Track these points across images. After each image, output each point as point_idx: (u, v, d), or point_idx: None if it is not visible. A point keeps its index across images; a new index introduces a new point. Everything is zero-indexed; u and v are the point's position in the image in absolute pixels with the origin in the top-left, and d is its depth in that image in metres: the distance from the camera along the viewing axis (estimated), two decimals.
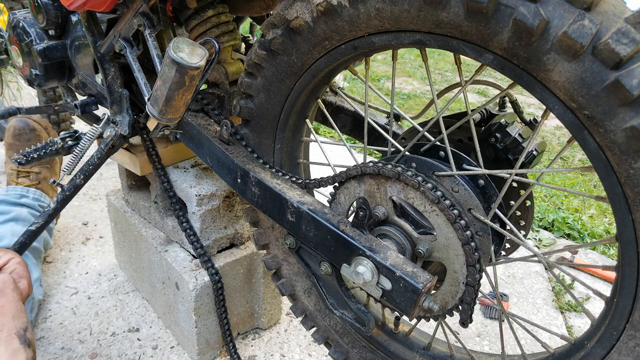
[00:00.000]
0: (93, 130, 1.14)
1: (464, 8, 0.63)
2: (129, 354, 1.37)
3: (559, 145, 3.55)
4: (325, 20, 0.77)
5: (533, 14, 0.58)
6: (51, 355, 1.35)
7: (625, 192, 0.61)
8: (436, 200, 0.77)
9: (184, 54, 0.78)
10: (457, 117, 0.86)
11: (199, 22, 1.12)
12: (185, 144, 1.11)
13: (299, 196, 0.90)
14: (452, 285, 0.83)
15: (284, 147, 1.01)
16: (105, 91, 1.14)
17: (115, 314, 1.52)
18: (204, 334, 1.30)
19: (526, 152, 0.77)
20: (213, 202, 1.25)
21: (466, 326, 0.85)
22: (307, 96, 0.94)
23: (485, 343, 1.51)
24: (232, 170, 0.99)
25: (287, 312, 1.54)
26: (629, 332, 0.68)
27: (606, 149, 0.60)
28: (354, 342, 1.07)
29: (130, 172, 1.45)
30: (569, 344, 0.82)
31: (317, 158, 1.08)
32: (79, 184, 1.16)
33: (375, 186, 0.86)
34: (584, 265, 0.84)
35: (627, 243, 0.65)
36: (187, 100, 0.87)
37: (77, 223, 2.00)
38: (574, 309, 1.69)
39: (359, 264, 0.79)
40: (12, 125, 1.68)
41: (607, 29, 0.56)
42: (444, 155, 0.83)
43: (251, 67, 0.92)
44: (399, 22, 0.71)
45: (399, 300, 0.77)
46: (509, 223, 0.80)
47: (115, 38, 1.04)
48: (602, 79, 0.57)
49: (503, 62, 0.65)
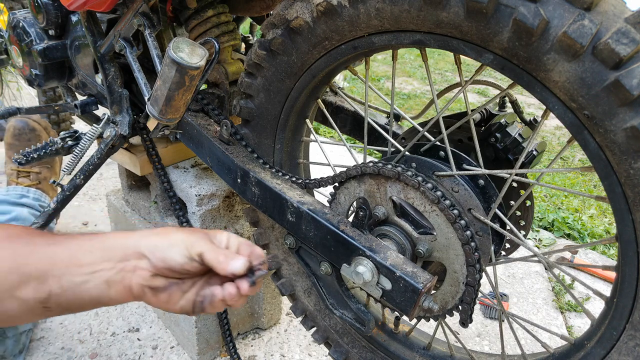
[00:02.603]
0: (93, 130, 1.14)
1: (464, 8, 0.63)
2: (129, 354, 1.37)
3: (559, 145, 3.55)
4: (325, 20, 0.77)
5: (533, 14, 0.58)
6: (51, 355, 1.35)
7: (625, 192, 0.61)
8: (436, 200, 0.77)
9: (184, 54, 0.78)
10: (457, 117, 0.86)
11: (199, 22, 1.12)
12: (185, 144, 1.11)
13: (299, 196, 0.90)
14: (452, 285, 0.83)
15: (284, 147, 1.01)
16: (105, 91, 1.14)
17: (115, 313, 1.52)
18: (204, 334, 1.30)
19: (526, 152, 0.77)
20: (213, 202, 1.25)
21: (466, 326, 0.85)
22: (307, 96, 0.94)
23: (485, 343, 1.51)
24: (232, 170, 0.99)
25: (287, 312, 1.54)
26: (629, 332, 0.68)
27: (606, 149, 0.60)
28: (353, 342, 1.07)
29: (130, 172, 1.45)
30: (569, 344, 0.81)
31: (317, 158, 1.08)
32: (79, 184, 1.16)
33: (375, 186, 0.86)
34: (584, 265, 0.84)
35: (627, 243, 0.65)
36: (187, 100, 0.87)
37: (77, 223, 2.00)
38: (574, 309, 1.69)
39: (359, 264, 0.79)
40: (12, 125, 1.68)
41: (607, 29, 0.56)
42: (444, 155, 0.83)
43: (251, 67, 0.92)
44: (399, 22, 0.71)
45: (399, 300, 0.77)
46: (509, 223, 0.80)
47: (115, 38, 1.04)
48: (602, 79, 0.57)
49: (503, 62, 0.65)
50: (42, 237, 0.66)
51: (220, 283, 0.67)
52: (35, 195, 1.61)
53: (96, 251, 0.63)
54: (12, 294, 0.62)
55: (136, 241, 0.64)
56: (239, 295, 0.65)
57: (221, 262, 0.63)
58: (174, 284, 0.65)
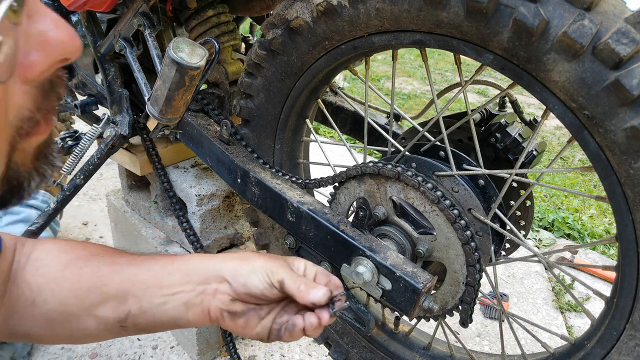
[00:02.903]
0: (93, 130, 1.14)
1: (464, 8, 0.63)
2: (129, 354, 1.37)
3: (559, 145, 3.55)
4: (325, 20, 0.77)
5: (533, 14, 0.58)
6: (51, 355, 1.35)
7: (625, 192, 0.61)
8: (436, 200, 0.77)
9: (184, 54, 0.78)
10: (457, 117, 0.86)
11: (199, 22, 1.12)
12: (185, 144, 1.11)
13: (299, 196, 0.90)
14: (452, 285, 0.83)
15: (284, 147, 1.01)
16: (105, 91, 1.14)
17: None
18: (204, 334, 1.30)
19: (526, 152, 0.77)
20: (213, 202, 1.25)
21: (466, 326, 0.85)
22: (307, 96, 0.94)
23: (485, 343, 1.51)
24: (232, 170, 0.99)
25: None
26: (629, 332, 0.68)
27: (606, 149, 0.60)
28: (353, 342, 1.07)
29: (130, 172, 1.45)
30: (569, 344, 0.81)
31: (317, 158, 1.08)
32: (79, 184, 1.16)
33: (375, 186, 0.86)
34: (584, 265, 0.84)
35: (627, 243, 0.65)
36: (187, 100, 0.87)
37: (77, 223, 2.00)
38: (574, 309, 1.69)
39: (359, 264, 0.79)
40: None
41: (607, 29, 0.56)
42: (444, 155, 0.83)
43: (251, 67, 0.92)
44: (399, 22, 0.71)
45: (399, 300, 0.77)
46: (509, 223, 0.80)
47: (115, 38, 1.04)
48: (602, 79, 0.57)
49: (503, 62, 0.65)
50: (123, 257, 0.66)
51: (296, 311, 0.66)
52: (44, 198, 1.62)
53: (176, 273, 0.63)
54: (90, 313, 0.63)
55: (218, 265, 0.64)
56: (319, 325, 0.64)
57: (301, 291, 0.61)
58: (252, 310, 0.64)
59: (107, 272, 0.63)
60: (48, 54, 0.32)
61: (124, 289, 0.62)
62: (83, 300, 0.63)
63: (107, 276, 0.63)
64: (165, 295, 0.62)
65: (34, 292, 0.63)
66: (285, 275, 0.62)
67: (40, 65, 0.32)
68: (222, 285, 0.63)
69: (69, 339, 0.67)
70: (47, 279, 0.64)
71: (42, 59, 0.32)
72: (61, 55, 0.33)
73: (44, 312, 0.63)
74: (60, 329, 0.65)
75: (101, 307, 0.62)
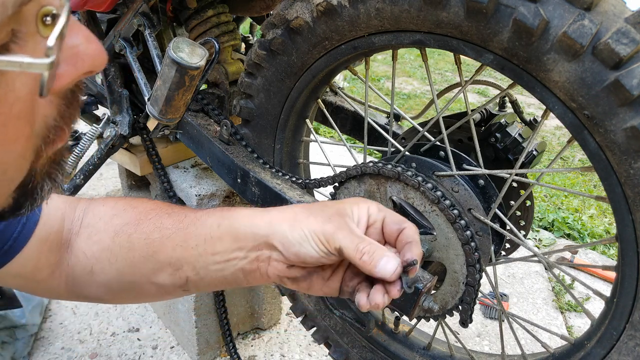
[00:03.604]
0: (93, 130, 1.14)
1: (464, 8, 0.63)
2: (129, 354, 1.37)
3: (559, 145, 3.55)
4: (325, 20, 0.77)
5: (533, 14, 0.58)
6: (51, 355, 1.35)
7: (625, 192, 0.61)
8: (436, 200, 0.77)
9: (184, 54, 0.78)
10: (457, 117, 0.86)
11: (199, 22, 1.12)
12: (185, 144, 1.11)
13: (299, 196, 0.90)
14: (452, 285, 0.83)
15: (284, 147, 1.01)
16: (105, 91, 1.14)
17: (115, 313, 1.52)
18: (204, 334, 1.30)
19: (526, 152, 0.77)
20: (213, 202, 1.25)
21: (466, 326, 0.85)
22: (307, 96, 0.94)
23: (485, 343, 1.51)
24: (232, 170, 0.99)
25: (287, 312, 1.54)
26: (629, 332, 0.68)
27: (606, 149, 0.60)
28: (353, 342, 1.07)
29: (130, 172, 1.45)
30: (569, 344, 0.81)
31: (317, 158, 1.08)
32: (79, 184, 1.16)
33: (375, 186, 0.86)
34: (584, 265, 0.84)
35: (627, 243, 0.65)
36: (187, 100, 0.87)
37: None
38: (574, 309, 1.69)
39: None
40: None
41: (607, 29, 0.56)
42: (444, 155, 0.83)
43: (251, 67, 0.92)
44: (399, 22, 0.71)
45: (399, 300, 0.76)
46: (509, 223, 0.80)
47: (115, 38, 1.04)
48: (602, 79, 0.57)
49: (503, 62, 0.65)
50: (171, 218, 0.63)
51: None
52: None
53: (226, 237, 0.60)
54: (149, 280, 0.62)
55: (266, 229, 0.58)
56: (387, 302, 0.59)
57: (365, 263, 0.54)
58: (314, 272, 0.60)
59: (158, 239, 0.61)
60: (78, 67, 0.33)
61: (177, 256, 0.60)
62: (139, 269, 0.62)
63: (158, 243, 0.61)
64: (219, 262, 0.60)
65: (90, 260, 0.62)
66: (344, 240, 0.55)
67: (70, 77, 0.33)
68: (275, 253, 0.58)
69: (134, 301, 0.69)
70: (101, 247, 0.63)
71: (71, 72, 0.33)
72: (89, 68, 0.34)
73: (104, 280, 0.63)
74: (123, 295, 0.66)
75: (159, 274, 0.61)
